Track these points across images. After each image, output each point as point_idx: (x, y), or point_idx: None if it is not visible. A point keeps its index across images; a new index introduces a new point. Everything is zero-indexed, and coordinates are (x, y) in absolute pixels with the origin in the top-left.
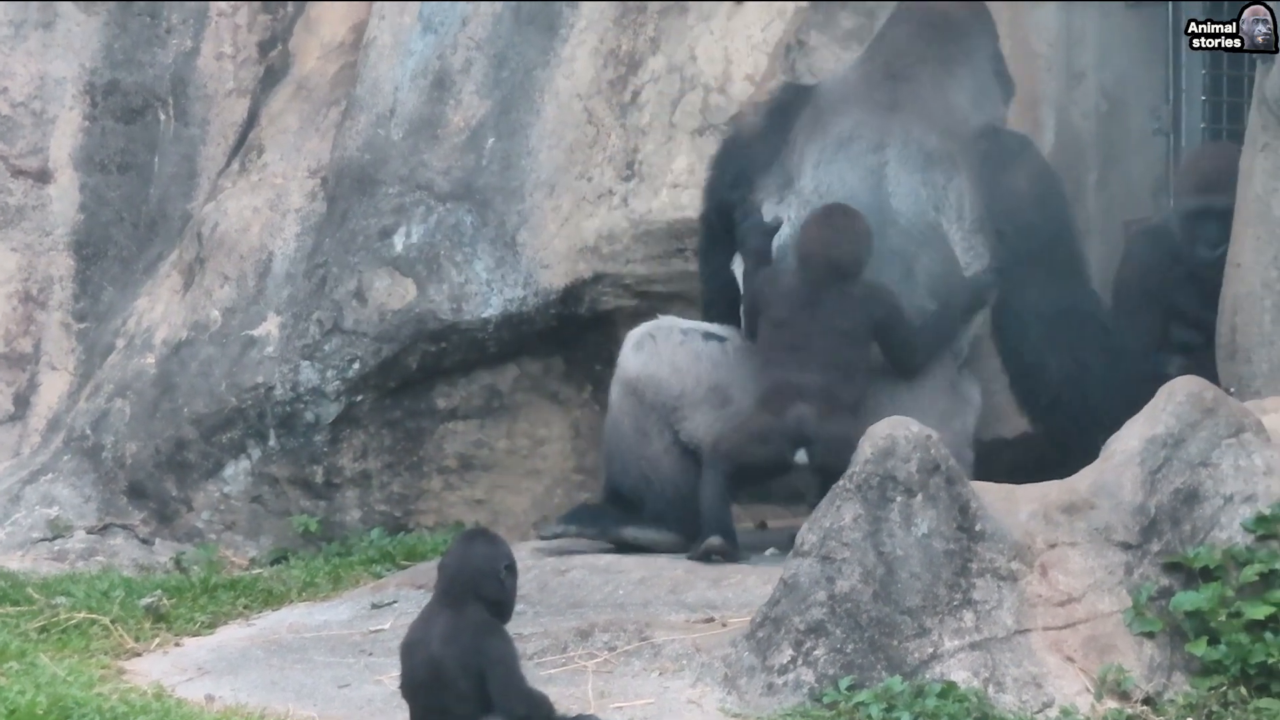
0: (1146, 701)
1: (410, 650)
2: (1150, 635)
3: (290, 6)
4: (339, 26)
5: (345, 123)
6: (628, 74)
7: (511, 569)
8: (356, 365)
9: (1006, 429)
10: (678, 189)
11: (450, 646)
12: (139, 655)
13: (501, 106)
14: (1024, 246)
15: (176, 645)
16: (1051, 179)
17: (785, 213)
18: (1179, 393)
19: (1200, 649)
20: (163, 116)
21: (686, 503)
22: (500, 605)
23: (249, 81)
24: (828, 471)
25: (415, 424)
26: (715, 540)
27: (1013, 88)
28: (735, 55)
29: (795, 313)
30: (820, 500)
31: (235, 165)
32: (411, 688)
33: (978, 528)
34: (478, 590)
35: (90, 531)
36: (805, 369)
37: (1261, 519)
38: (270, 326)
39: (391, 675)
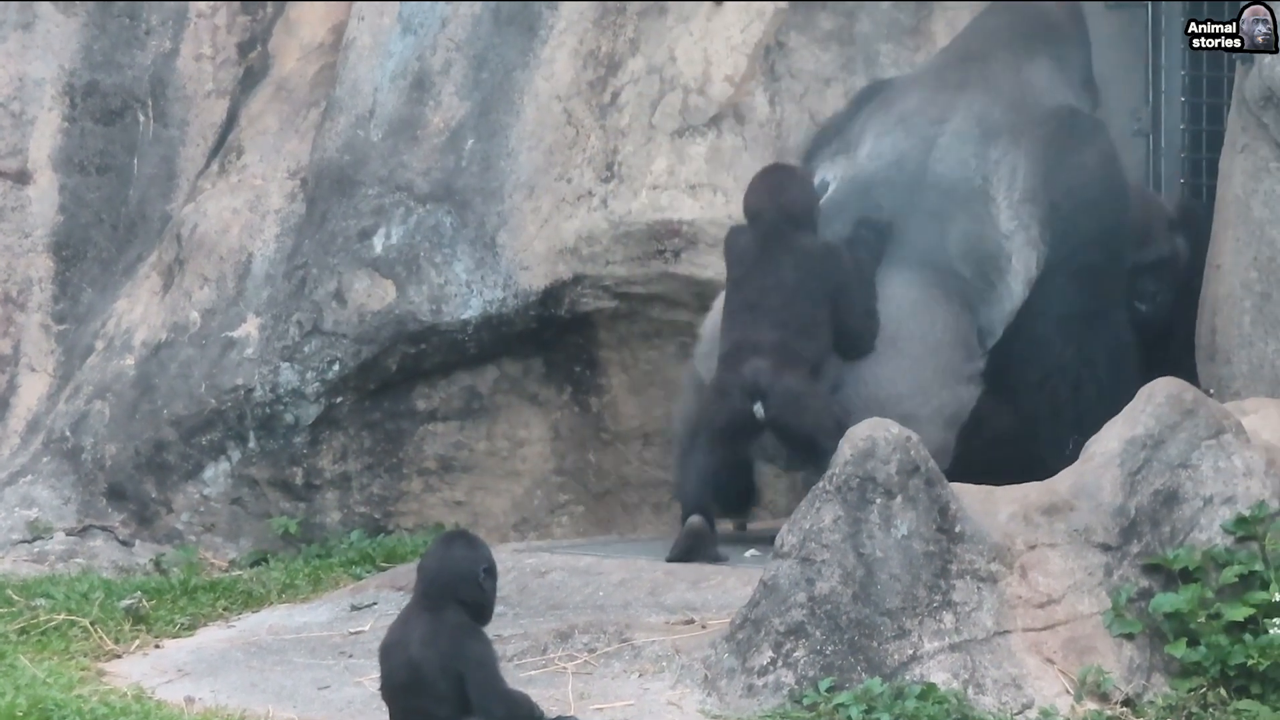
0: (1126, 703)
1: (389, 652)
2: (1130, 637)
3: (270, 7)
4: (318, 27)
5: (325, 124)
6: (607, 75)
7: (490, 572)
8: (336, 367)
9: None
10: (657, 190)
11: (429, 649)
12: (119, 657)
13: (481, 108)
14: (1073, 225)
15: (156, 647)
16: (1114, 166)
17: (833, 173)
18: (1159, 394)
19: (1180, 650)
20: (142, 118)
21: None
22: (479, 608)
23: (228, 82)
24: (783, 427)
25: (395, 425)
26: (695, 520)
27: (1098, 96)
28: (714, 56)
29: (750, 271)
30: (791, 468)
31: (215, 166)
32: (391, 690)
33: (957, 529)
34: (456, 593)
35: (70, 533)
36: (760, 325)
37: (1241, 520)
38: (250, 328)
39: (371, 677)
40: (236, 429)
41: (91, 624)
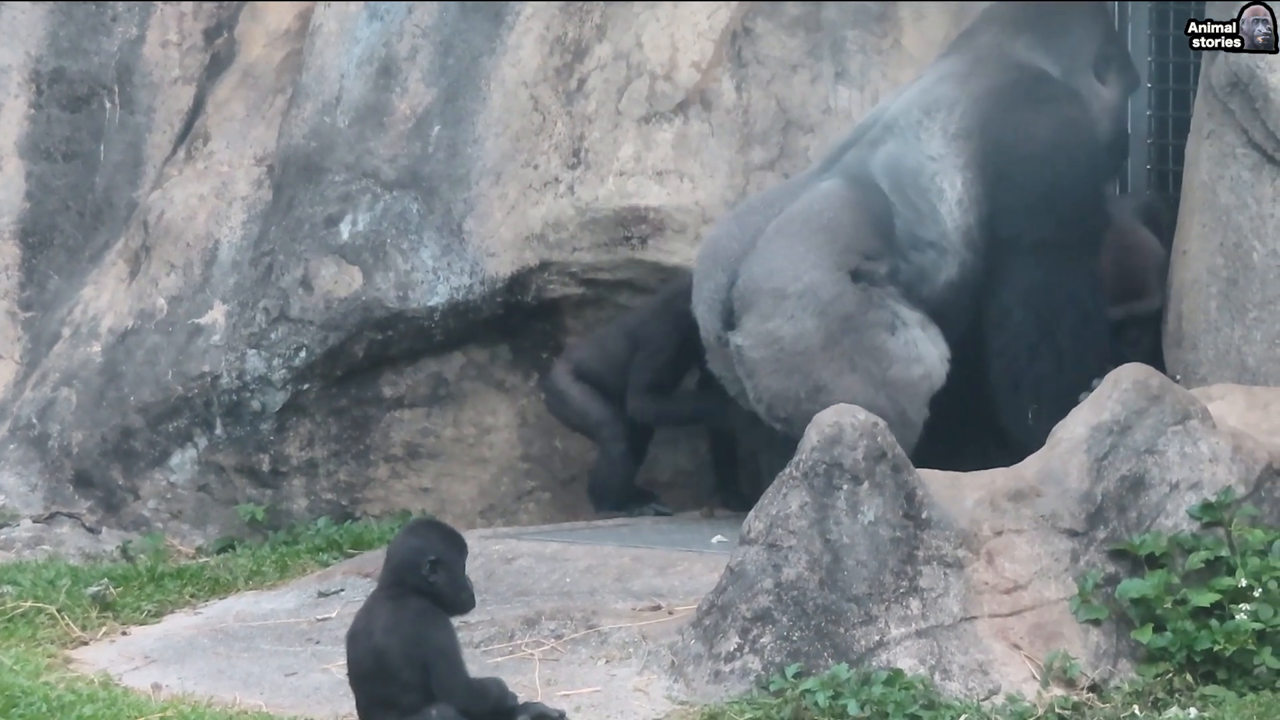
0: (1092, 688)
1: (354, 640)
2: (1096, 622)
3: None
4: (285, 14)
5: (291, 110)
6: (574, 61)
7: (439, 564)
8: (303, 354)
9: None
10: (624, 176)
11: (392, 637)
12: (86, 644)
13: (447, 94)
14: (1019, 181)
15: (123, 634)
16: (1074, 133)
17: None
18: (1125, 380)
19: (1146, 636)
20: (108, 105)
21: None
22: (436, 597)
23: (195, 69)
24: None
25: (362, 412)
26: None
27: (1128, 76)
28: (682, 42)
29: None
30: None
31: (181, 153)
32: (356, 677)
33: (924, 515)
34: (404, 582)
35: (36, 520)
36: None
37: (1207, 506)
38: (216, 315)
39: (339, 663)
40: (203, 416)
41: (58, 611)
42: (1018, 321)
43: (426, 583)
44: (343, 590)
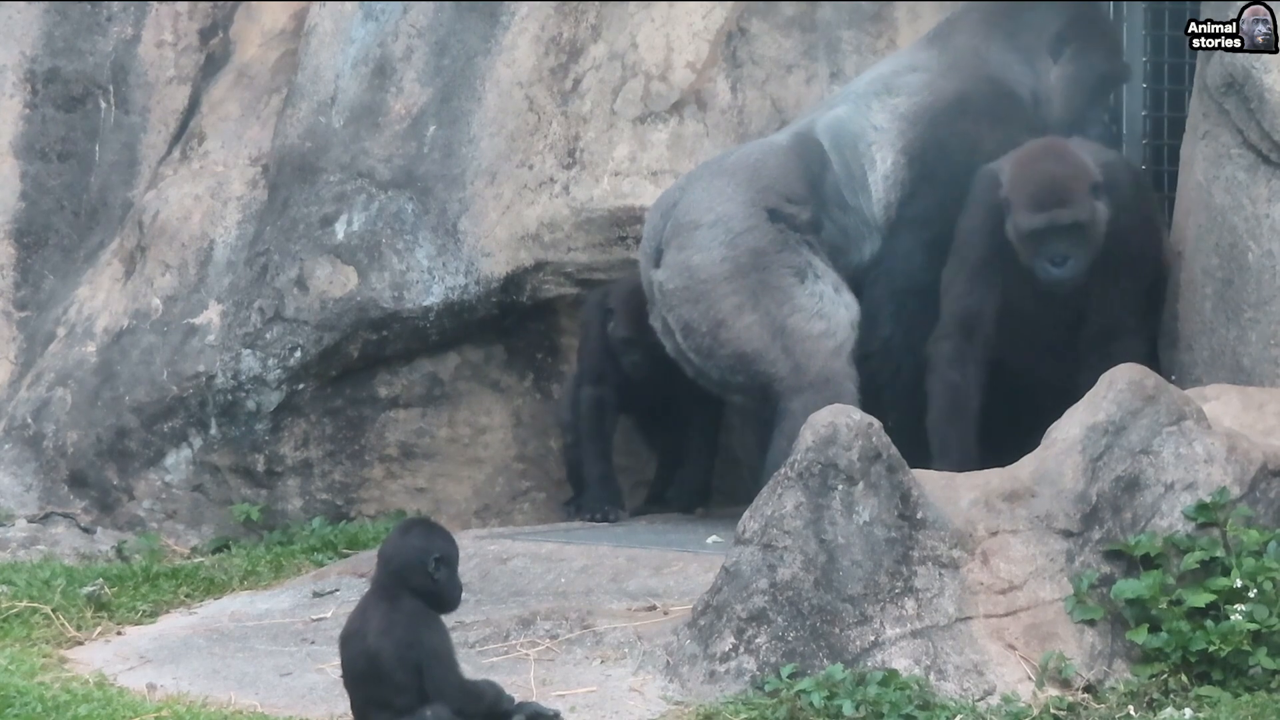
0: (1088, 689)
1: (347, 641)
2: (1091, 623)
3: None
4: (280, 14)
5: (286, 110)
6: (569, 61)
7: (442, 561)
8: (298, 353)
9: None
10: (619, 176)
11: (385, 639)
12: (81, 644)
13: (443, 94)
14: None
15: (118, 634)
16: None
17: None
18: (1120, 380)
19: (1141, 636)
20: (104, 104)
21: None
22: (434, 597)
23: (190, 69)
24: None
25: (357, 412)
26: None
27: (1091, 49)
28: (676, 43)
29: None
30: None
31: (176, 153)
32: (350, 679)
33: (919, 515)
34: (408, 582)
35: (31, 520)
36: None
37: (1202, 507)
38: (211, 315)
39: (334, 663)
40: (198, 416)
41: (53, 611)
42: (887, 333)
43: (432, 581)
44: (338, 590)
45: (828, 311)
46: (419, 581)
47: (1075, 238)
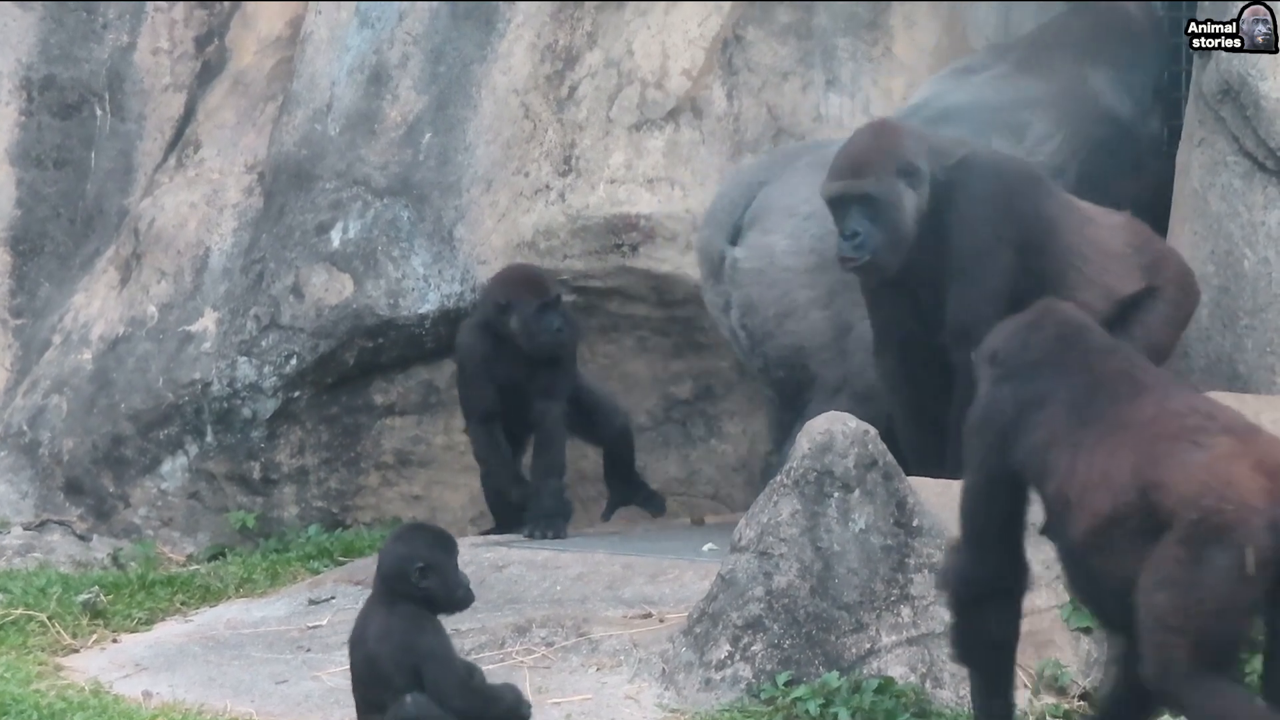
0: (1083, 696)
1: (352, 645)
2: (1087, 630)
3: (227, 2)
4: (276, 21)
5: (282, 118)
6: (565, 69)
7: (428, 569)
8: (294, 361)
9: None
10: (615, 184)
11: (383, 644)
12: (76, 652)
13: (438, 102)
14: None
15: (114, 642)
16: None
17: None
18: None
19: None
20: (99, 112)
21: None
22: (428, 602)
23: (185, 77)
24: None
25: (353, 420)
26: None
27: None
28: (672, 50)
29: None
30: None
31: (172, 161)
32: (354, 681)
33: (915, 523)
34: (396, 589)
35: (27, 528)
36: None
37: None
38: (207, 322)
39: (329, 671)
40: (194, 423)
41: (49, 619)
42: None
43: (418, 589)
44: (334, 598)
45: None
46: (404, 588)
47: (868, 212)
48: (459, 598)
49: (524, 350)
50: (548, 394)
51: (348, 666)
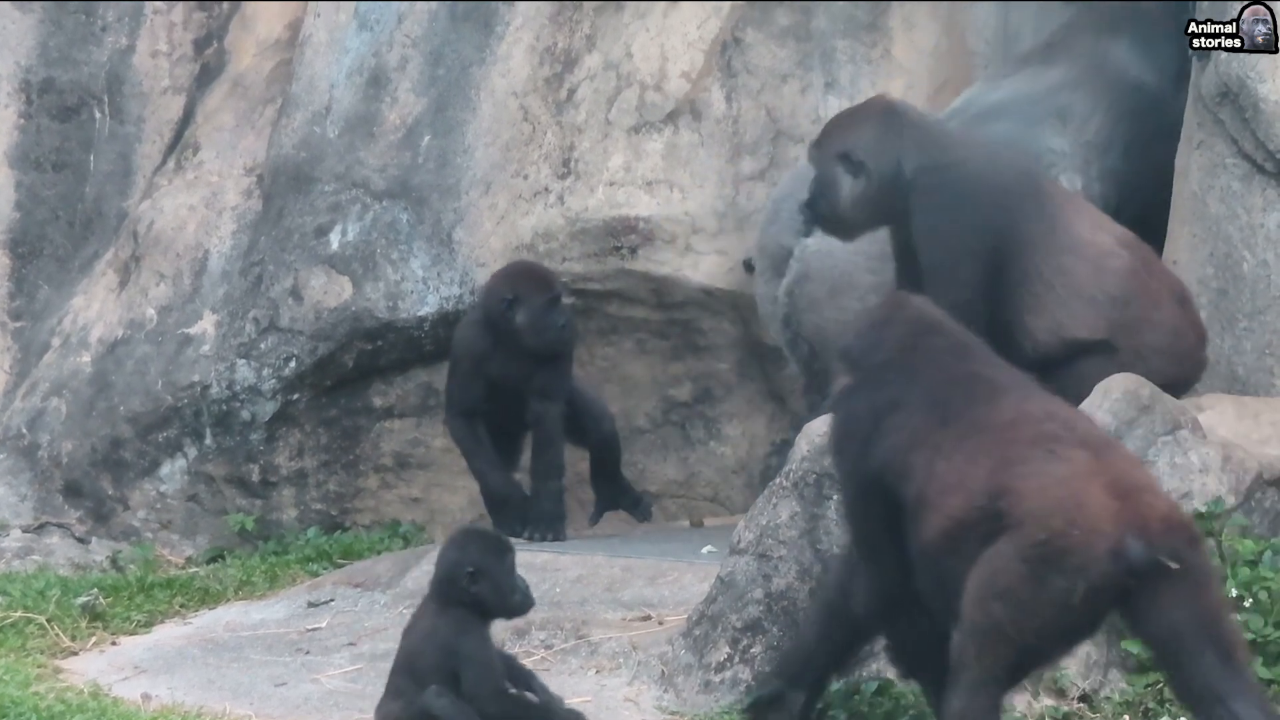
0: (1083, 699)
1: (403, 634)
2: None
3: (226, 4)
4: (275, 24)
5: (281, 120)
6: (564, 71)
7: (478, 574)
8: (293, 364)
9: None
10: (614, 186)
11: (427, 643)
12: (75, 654)
13: (437, 104)
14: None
15: (113, 644)
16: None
17: None
18: (1115, 390)
19: (1136, 646)
20: (98, 114)
21: None
22: (479, 606)
23: (184, 79)
24: None
25: (352, 422)
26: None
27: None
28: (671, 52)
29: None
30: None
31: (171, 163)
32: (393, 667)
33: None
34: (448, 593)
35: (26, 530)
36: None
37: (1198, 516)
38: (206, 325)
39: (328, 674)
40: (193, 426)
41: (48, 621)
42: None
43: (468, 594)
44: (332, 600)
45: None
46: (457, 594)
47: (813, 186)
48: (514, 603)
49: (528, 346)
50: (545, 395)
51: (346, 669)
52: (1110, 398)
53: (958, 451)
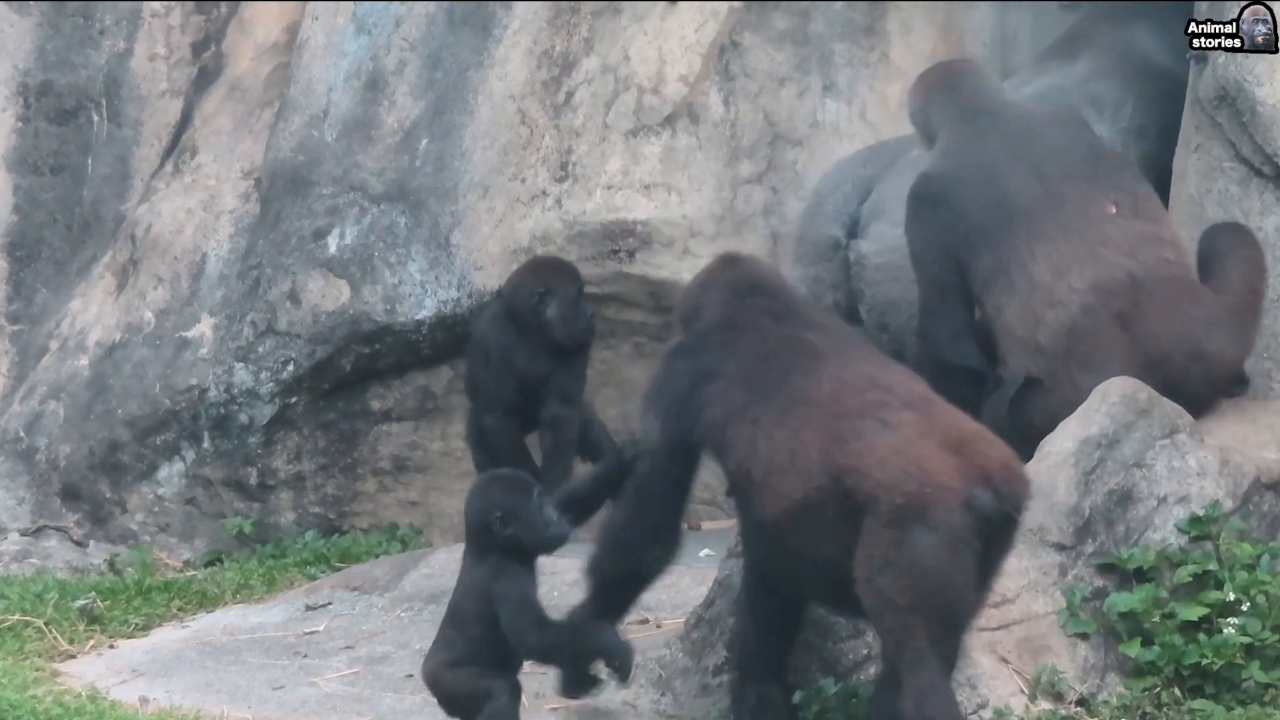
0: (1081, 703)
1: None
2: (1084, 636)
3: (224, 7)
4: (273, 27)
5: (279, 124)
6: (561, 75)
7: (508, 516)
8: (290, 367)
9: None
10: (612, 190)
11: (466, 597)
12: (73, 657)
13: (435, 107)
14: None
15: (111, 647)
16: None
17: None
18: (1113, 393)
19: (1134, 650)
20: (96, 118)
21: None
22: (518, 548)
23: (182, 82)
24: None
25: (349, 426)
26: None
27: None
28: (669, 56)
29: None
30: None
31: (169, 166)
32: (444, 618)
33: None
34: (482, 542)
35: (24, 534)
36: None
37: (1195, 520)
38: (204, 328)
39: (326, 676)
40: (191, 429)
41: (46, 624)
42: None
43: (503, 537)
44: (330, 604)
45: None
46: (491, 540)
47: None
48: (550, 536)
49: (556, 338)
50: (564, 397)
51: (344, 672)
52: (1108, 401)
53: (779, 428)
